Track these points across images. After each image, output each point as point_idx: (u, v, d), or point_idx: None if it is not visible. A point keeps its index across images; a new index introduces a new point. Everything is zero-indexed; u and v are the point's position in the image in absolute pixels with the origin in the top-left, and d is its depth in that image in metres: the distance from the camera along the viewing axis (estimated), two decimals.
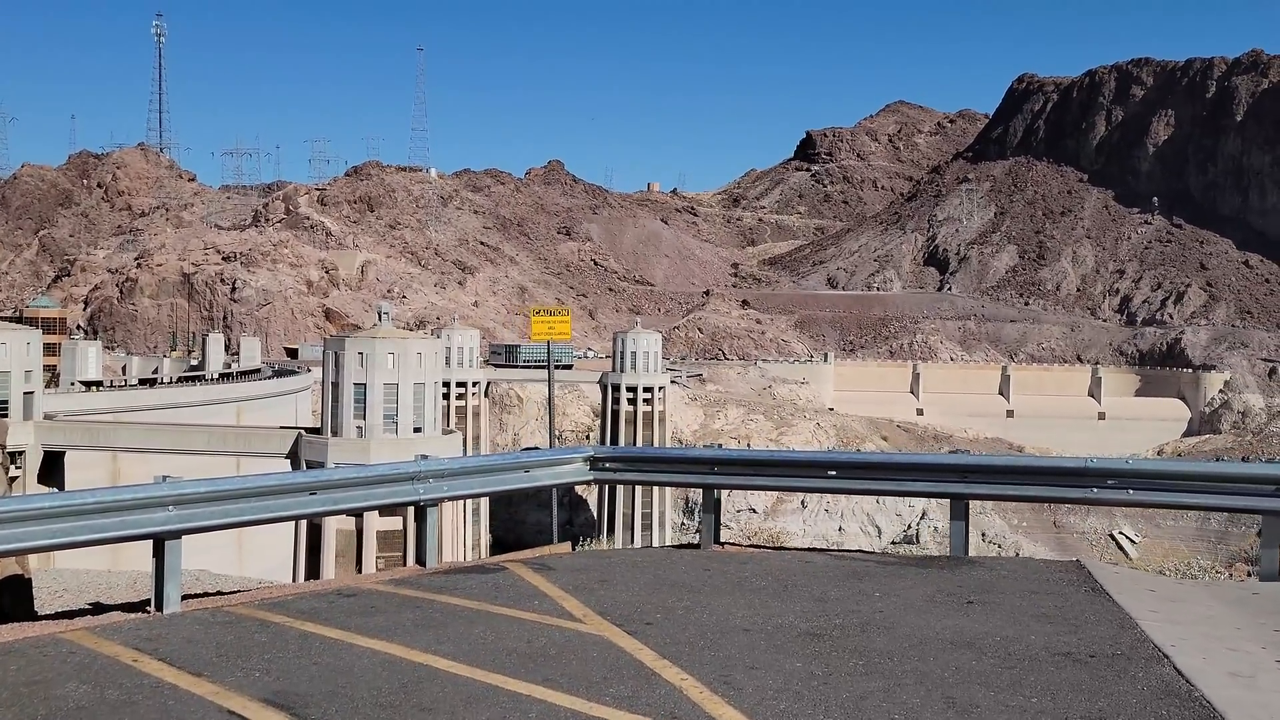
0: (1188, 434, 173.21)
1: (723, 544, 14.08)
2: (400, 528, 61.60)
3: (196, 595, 11.84)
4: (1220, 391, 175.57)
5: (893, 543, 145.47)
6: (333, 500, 12.25)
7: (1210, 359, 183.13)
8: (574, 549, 14.89)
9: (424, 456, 12.92)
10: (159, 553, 10.70)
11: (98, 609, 11.01)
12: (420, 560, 13.05)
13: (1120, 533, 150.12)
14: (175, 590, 10.58)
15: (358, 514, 28.11)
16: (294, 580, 64.63)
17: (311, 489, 12.01)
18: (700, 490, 14.08)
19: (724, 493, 14.61)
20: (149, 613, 10.47)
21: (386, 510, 14.88)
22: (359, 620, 9.88)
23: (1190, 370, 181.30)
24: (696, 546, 14.16)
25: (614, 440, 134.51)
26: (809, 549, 14.40)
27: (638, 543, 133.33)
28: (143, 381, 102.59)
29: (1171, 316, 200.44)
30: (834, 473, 13.37)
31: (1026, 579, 11.58)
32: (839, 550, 14.13)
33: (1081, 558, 13.68)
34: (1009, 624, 9.60)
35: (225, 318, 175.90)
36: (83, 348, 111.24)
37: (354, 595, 11.12)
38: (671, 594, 10.89)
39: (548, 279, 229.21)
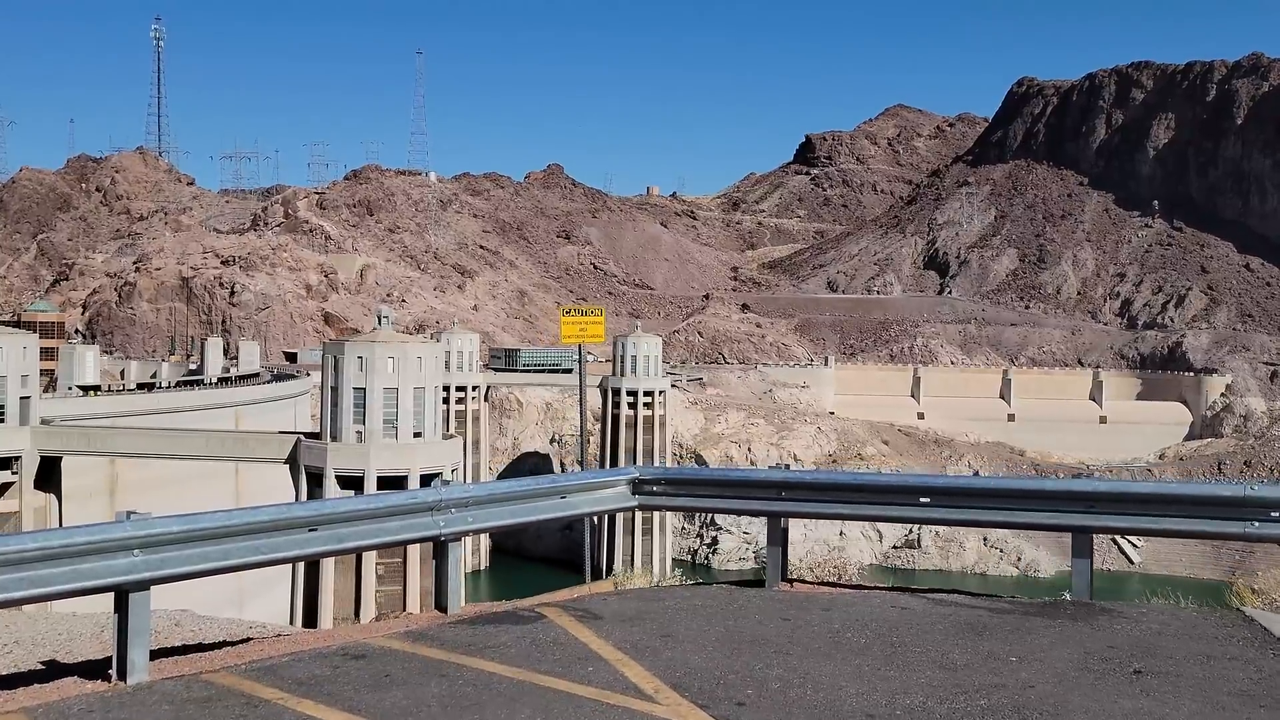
0: (1189, 438, 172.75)
1: (790, 581, 12.46)
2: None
3: (170, 651, 10.17)
4: (1222, 395, 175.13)
5: (894, 547, 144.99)
6: (337, 538, 10.41)
7: (1212, 362, 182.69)
8: (616, 588, 12.99)
9: (444, 482, 11.89)
10: (122, 608, 8.76)
11: (50, 671, 9.44)
12: (440, 604, 11.19)
13: (1123, 537, 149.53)
14: (142, 654, 8.80)
15: (367, 551, 26.51)
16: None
17: (311, 524, 10.20)
18: (764, 519, 12.30)
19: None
20: (109, 680, 8.74)
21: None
22: (371, 697, 8.15)
23: (1192, 374, 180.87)
24: (760, 584, 12.42)
25: (614, 445, 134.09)
26: (894, 588, 12.44)
27: (639, 547, 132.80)
28: (141, 386, 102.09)
29: (1173, 320, 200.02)
30: (927, 500, 11.67)
31: (1190, 636, 9.83)
32: (929, 592, 12.11)
33: (1245, 606, 11.38)
34: (1209, 708, 7.81)
35: (224, 322, 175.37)
36: (80, 352, 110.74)
37: (363, 656, 9.38)
38: (755, 656, 9.18)
39: (547, 283, 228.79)
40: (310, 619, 60.93)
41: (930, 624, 10.24)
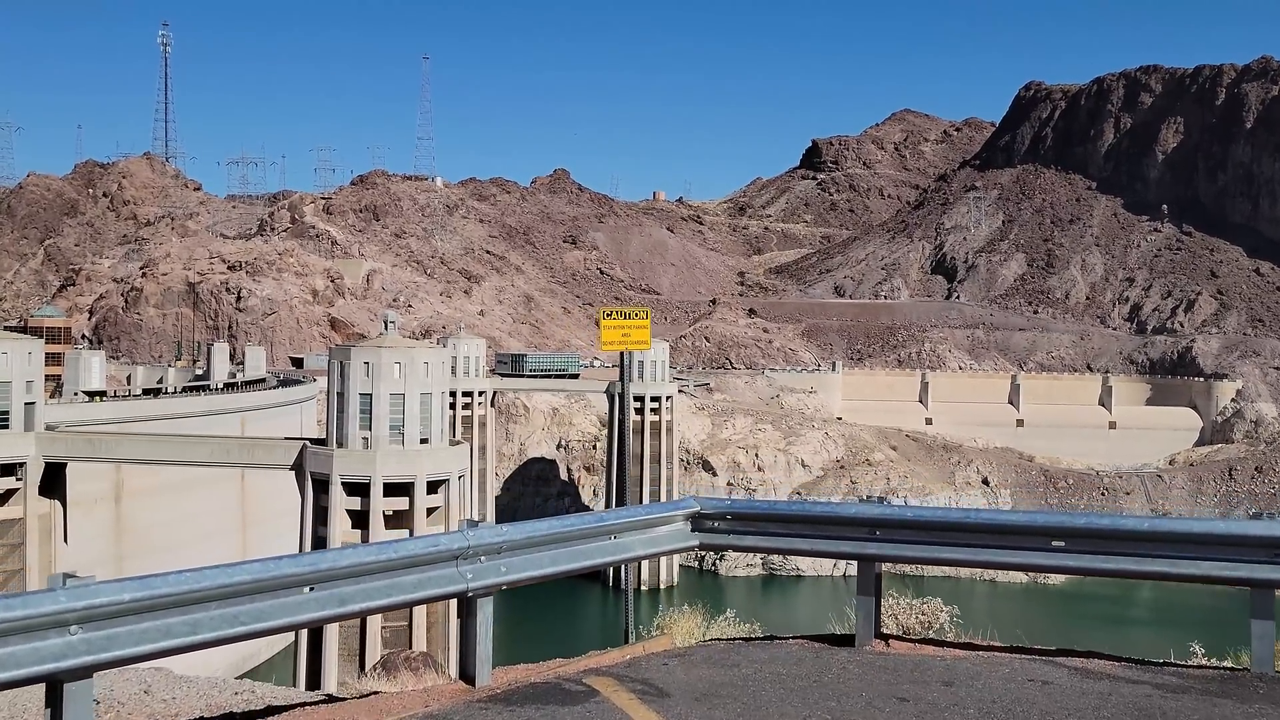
0: (1199, 443, 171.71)
1: (885, 638, 10.47)
2: None
3: None
4: (1232, 400, 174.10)
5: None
6: (339, 599, 8.30)
7: (1222, 368, 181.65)
8: (674, 647, 10.89)
9: (471, 523, 9.00)
10: (55, 702, 6.88)
11: None
12: (466, 673, 9.14)
13: None
14: None
15: (377, 614, 22.67)
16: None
17: (309, 582, 8.10)
18: (855, 563, 10.36)
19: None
20: None
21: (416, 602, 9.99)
22: None
23: (1202, 379, 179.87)
24: (847, 641, 10.50)
25: (620, 451, 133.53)
26: (1014, 649, 10.29)
27: None
28: (147, 391, 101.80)
29: (1182, 325, 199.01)
30: (1061, 543, 9.77)
31: None
32: (1059, 655, 10.09)
33: None
34: None
35: (230, 327, 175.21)
36: (86, 357, 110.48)
37: None
38: None
39: (554, 288, 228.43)
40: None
41: (1091, 709, 8.19)
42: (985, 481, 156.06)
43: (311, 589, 8.11)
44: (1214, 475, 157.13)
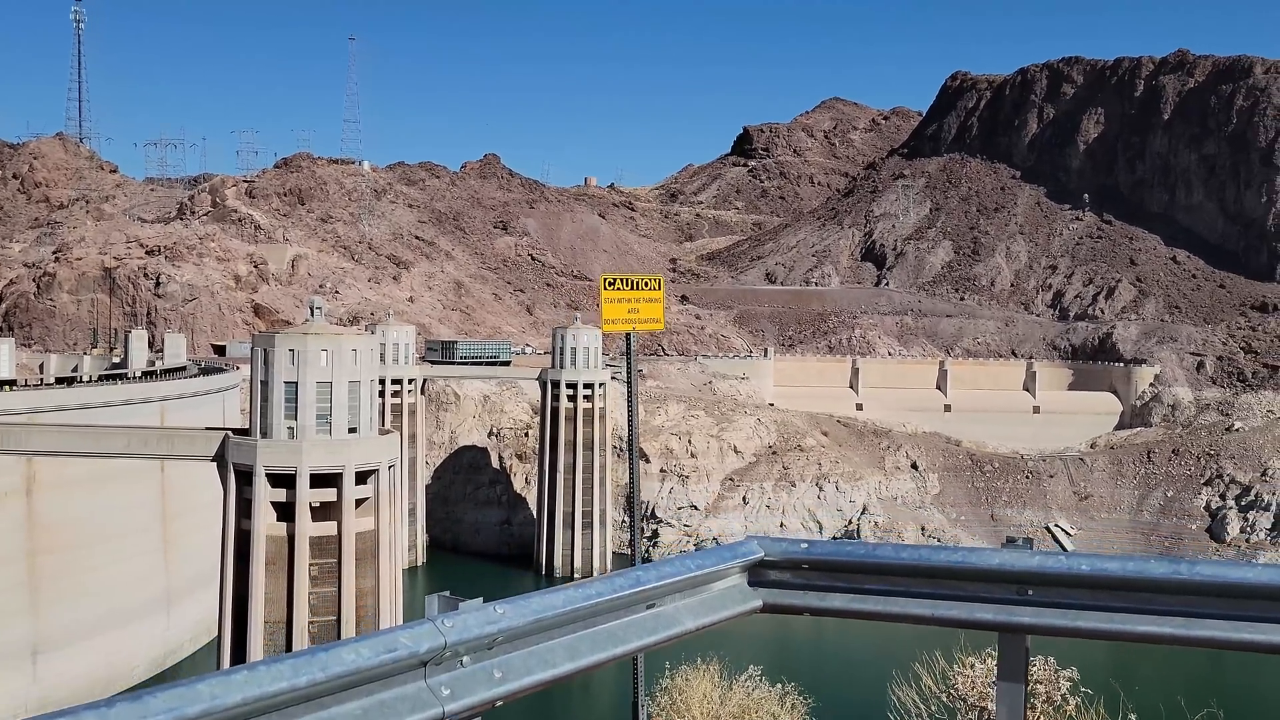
0: (1119, 427, 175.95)
1: None
2: (335, 534, 58.96)
3: None
4: (1151, 385, 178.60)
5: (833, 538, 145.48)
6: None
7: (1141, 353, 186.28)
8: None
9: (447, 602, 5.62)
10: None
11: None
12: None
13: (1056, 525, 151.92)
14: None
15: None
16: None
17: None
18: (993, 633, 7.30)
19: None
20: None
21: None
22: None
23: (1121, 364, 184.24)
24: None
25: (554, 438, 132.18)
26: None
27: (579, 543, 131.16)
28: (60, 380, 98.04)
29: (1103, 312, 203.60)
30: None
31: None
32: None
33: None
34: None
35: (149, 314, 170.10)
36: None
37: None
38: None
39: (485, 274, 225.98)
40: (240, 623, 58.61)
41: None
42: (914, 466, 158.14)
43: None
44: (1133, 458, 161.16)
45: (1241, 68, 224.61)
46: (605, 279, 16.81)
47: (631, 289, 16.91)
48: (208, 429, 69.58)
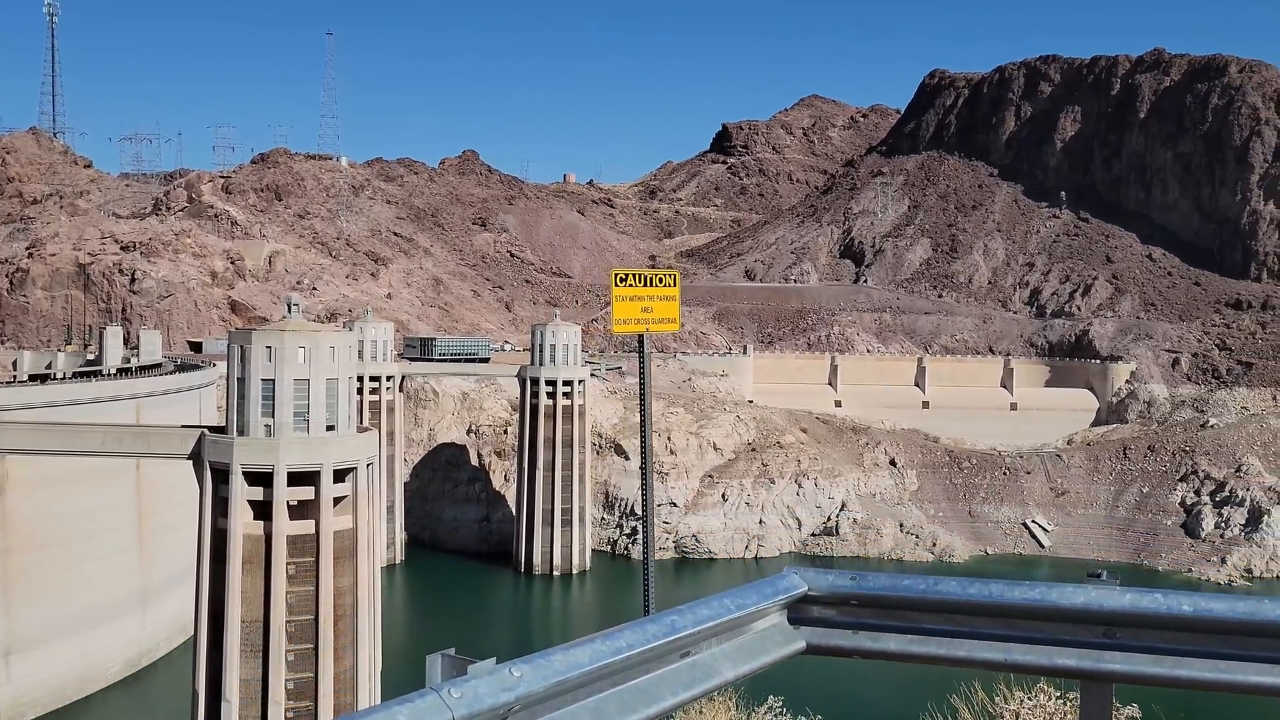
0: (1096, 423, 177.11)
1: None
2: (312, 532, 58.53)
3: None
4: (1127, 382, 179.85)
5: (812, 534, 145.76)
6: None
7: (1117, 350, 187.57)
8: None
9: (451, 662, 4.90)
10: None
11: None
12: None
13: (1034, 521, 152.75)
14: None
15: None
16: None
17: None
18: (1076, 681, 6.54)
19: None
20: None
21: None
22: None
23: (1098, 361, 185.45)
24: None
25: (533, 435, 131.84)
26: None
27: (558, 539, 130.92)
28: (34, 378, 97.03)
29: (1079, 309, 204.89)
30: None
31: None
32: None
33: None
34: None
35: (124, 310, 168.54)
36: None
37: None
38: None
39: (463, 271, 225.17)
40: (216, 623, 58.10)
41: None
42: (893, 463, 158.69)
43: None
44: (1110, 454, 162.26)
45: (1217, 67, 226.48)
46: (616, 275, 15.34)
47: (645, 286, 15.69)
48: (183, 427, 68.94)
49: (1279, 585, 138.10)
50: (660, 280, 15.69)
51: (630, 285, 15.10)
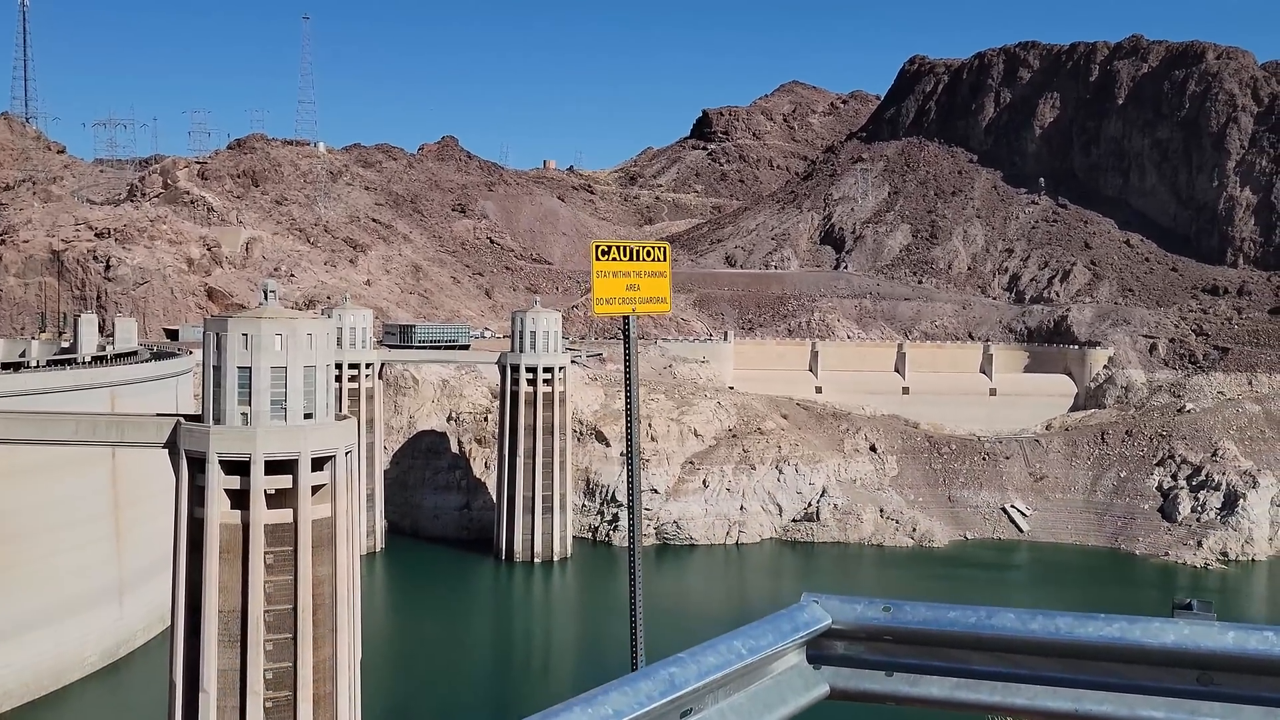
0: (1074, 409, 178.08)
1: None
2: (290, 521, 58.01)
3: None
4: (1105, 367, 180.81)
5: (793, 520, 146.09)
6: None
7: (1095, 335, 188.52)
8: None
9: None
10: None
11: None
12: None
13: (1012, 506, 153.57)
14: None
15: None
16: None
17: None
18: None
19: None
20: None
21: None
22: None
23: (1076, 347, 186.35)
24: None
25: (513, 422, 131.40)
26: None
27: (539, 526, 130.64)
28: (7, 366, 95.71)
29: (1058, 294, 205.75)
30: None
31: None
32: None
33: None
34: None
35: (99, 297, 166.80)
36: None
37: None
38: None
39: (443, 257, 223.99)
40: (194, 612, 57.57)
41: None
42: (873, 448, 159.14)
43: None
44: (1088, 439, 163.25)
45: (1194, 53, 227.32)
46: (598, 247, 13.07)
47: (631, 260, 13.35)
48: (159, 415, 68.16)
49: (1255, 568, 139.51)
50: (648, 253, 13.42)
51: (614, 259, 13.03)
